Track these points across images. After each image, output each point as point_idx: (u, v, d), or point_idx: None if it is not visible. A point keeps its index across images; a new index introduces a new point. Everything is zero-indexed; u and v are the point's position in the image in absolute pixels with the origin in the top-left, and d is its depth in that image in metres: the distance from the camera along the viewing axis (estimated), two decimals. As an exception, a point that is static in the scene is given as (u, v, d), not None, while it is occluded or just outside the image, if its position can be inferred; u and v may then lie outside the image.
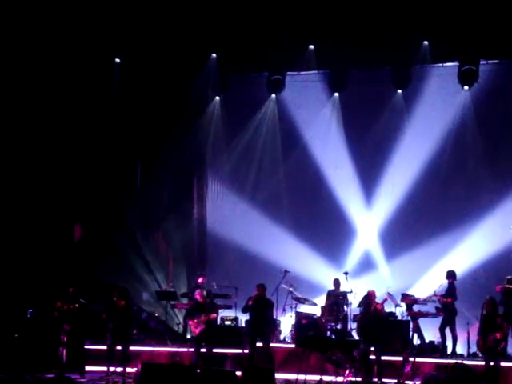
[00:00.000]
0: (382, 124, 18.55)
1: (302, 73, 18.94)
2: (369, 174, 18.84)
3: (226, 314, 17.61)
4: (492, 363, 14.06)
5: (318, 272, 18.65)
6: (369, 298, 15.44)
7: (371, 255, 18.85)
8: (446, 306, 16.20)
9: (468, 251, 17.62)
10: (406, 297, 16.54)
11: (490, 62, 17.57)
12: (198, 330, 15.32)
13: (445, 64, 17.96)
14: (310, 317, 17.03)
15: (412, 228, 18.46)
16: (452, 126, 18.14)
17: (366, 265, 18.66)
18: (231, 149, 19.74)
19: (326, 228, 19.03)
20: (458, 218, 18.09)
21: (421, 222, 18.42)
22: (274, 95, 19.27)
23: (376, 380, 14.59)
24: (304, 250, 18.87)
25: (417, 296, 16.65)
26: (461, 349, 16.42)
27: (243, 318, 17.05)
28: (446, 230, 17.98)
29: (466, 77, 17.47)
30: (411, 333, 16.14)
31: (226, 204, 19.95)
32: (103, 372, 15.35)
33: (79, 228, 18.57)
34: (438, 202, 18.40)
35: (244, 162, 19.75)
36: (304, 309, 17.55)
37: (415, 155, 18.37)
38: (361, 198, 18.96)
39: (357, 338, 15.70)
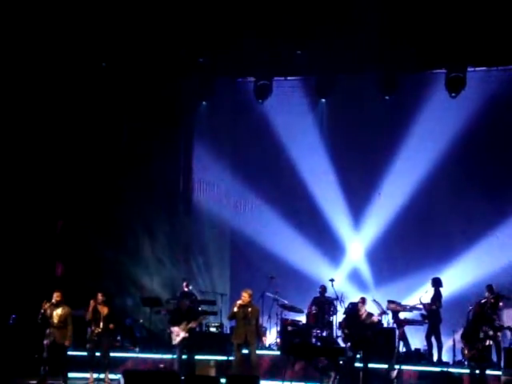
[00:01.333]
0: (369, 132, 18.43)
1: (289, 78, 18.90)
2: (355, 183, 18.68)
3: (211, 320, 17.51)
4: (477, 371, 14.08)
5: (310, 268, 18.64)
6: (358, 306, 15.41)
7: (359, 272, 18.71)
8: (432, 314, 16.18)
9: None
10: (391, 304, 16.48)
11: (477, 69, 17.57)
12: (179, 338, 15.20)
13: (432, 71, 17.93)
14: (295, 324, 16.94)
15: (402, 247, 18.28)
16: (440, 137, 17.93)
17: (354, 281, 18.55)
18: (217, 155, 19.58)
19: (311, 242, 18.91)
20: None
21: (411, 241, 18.25)
22: (260, 100, 19.06)
23: (361, 387, 14.56)
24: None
25: (403, 303, 16.61)
26: (446, 356, 16.39)
27: (228, 325, 16.96)
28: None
29: (453, 84, 17.40)
30: (397, 340, 16.10)
31: (213, 207, 19.79)
32: (86, 378, 15.22)
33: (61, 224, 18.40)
34: (429, 221, 18.26)
35: (229, 170, 19.57)
36: (290, 315, 17.45)
37: (402, 166, 18.27)
38: (347, 211, 18.80)
39: (342, 345, 15.68)
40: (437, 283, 16.36)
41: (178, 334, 15.21)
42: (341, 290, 17.38)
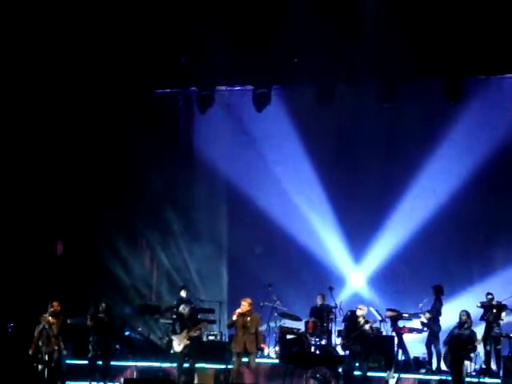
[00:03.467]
0: (368, 143, 18.29)
1: (288, 86, 18.83)
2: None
3: (209, 328, 17.47)
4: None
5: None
6: (356, 313, 15.39)
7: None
8: (432, 322, 16.16)
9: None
10: (391, 312, 16.46)
11: (476, 77, 17.55)
12: (180, 347, 15.16)
13: (431, 79, 17.89)
14: (294, 332, 16.90)
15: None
16: (444, 151, 17.78)
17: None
18: (214, 167, 19.42)
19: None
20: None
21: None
22: (259, 110, 18.91)
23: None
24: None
25: (402, 311, 16.58)
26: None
27: (227, 333, 16.93)
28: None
29: (452, 92, 17.39)
30: (396, 348, 16.07)
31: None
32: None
33: (61, 242, 18.35)
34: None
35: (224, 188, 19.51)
36: (288, 323, 17.41)
37: (406, 184, 18.12)
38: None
39: (341, 353, 15.65)
40: (438, 291, 16.36)
41: (180, 342, 15.17)
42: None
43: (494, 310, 15.53)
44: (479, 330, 15.50)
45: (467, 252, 17.92)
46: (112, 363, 15.62)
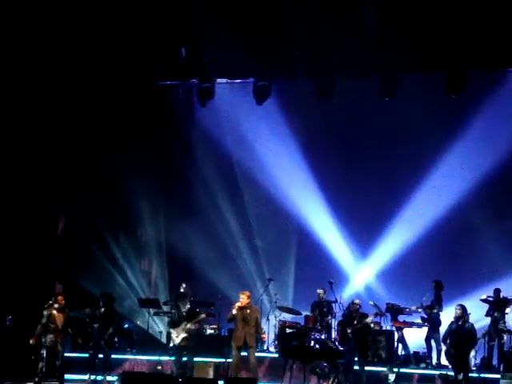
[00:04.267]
0: (369, 136, 18.28)
1: (290, 80, 18.75)
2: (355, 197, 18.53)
3: (208, 322, 17.43)
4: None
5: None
6: (352, 308, 15.35)
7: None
8: (432, 317, 16.11)
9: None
10: (391, 306, 16.41)
11: (478, 71, 17.44)
12: (178, 339, 15.14)
13: (432, 73, 17.79)
14: (293, 326, 16.86)
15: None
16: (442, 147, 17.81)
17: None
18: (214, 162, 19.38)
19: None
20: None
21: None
22: (259, 103, 18.81)
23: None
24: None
25: (402, 306, 16.52)
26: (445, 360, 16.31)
27: (226, 326, 16.89)
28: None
29: (455, 86, 17.28)
30: (396, 343, 16.02)
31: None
32: (83, 380, 15.21)
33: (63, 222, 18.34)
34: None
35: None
36: (288, 317, 17.37)
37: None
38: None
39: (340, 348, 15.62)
40: (438, 286, 16.29)
41: (178, 334, 15.17)
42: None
43: (500, 305, 15.51)
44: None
45: (475, 252, 17.77)
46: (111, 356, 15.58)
